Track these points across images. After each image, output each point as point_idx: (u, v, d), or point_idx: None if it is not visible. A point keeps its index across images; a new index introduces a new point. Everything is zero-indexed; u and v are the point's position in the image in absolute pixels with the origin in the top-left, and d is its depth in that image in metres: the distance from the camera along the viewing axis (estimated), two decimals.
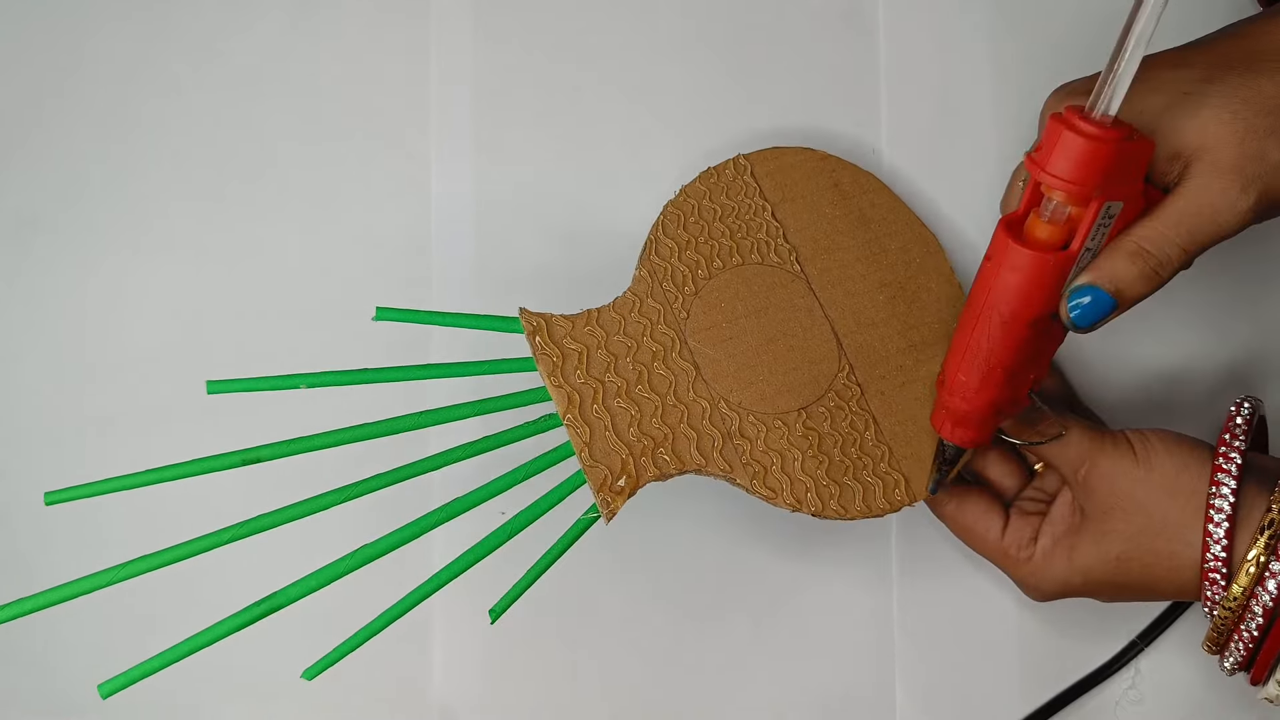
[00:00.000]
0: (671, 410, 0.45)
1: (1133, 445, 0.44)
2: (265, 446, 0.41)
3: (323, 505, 0.40)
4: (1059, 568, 0.45)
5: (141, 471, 0.40)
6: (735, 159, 0.49)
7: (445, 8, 0.53)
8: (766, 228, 0.48)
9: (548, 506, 0.43)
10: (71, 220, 0.51)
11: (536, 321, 0.44)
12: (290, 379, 0.42)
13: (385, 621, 0.40)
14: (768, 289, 0.47)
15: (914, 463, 0.46)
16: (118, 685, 0.38)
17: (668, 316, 0.46)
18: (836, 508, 0.45)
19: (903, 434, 0.46)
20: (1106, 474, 0.44)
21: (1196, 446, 0.44)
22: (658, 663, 0.50)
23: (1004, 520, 0.46)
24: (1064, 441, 0.45)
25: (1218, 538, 0.42)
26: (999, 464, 0.48)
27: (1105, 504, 0.44)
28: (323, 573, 0.39)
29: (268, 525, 0.40)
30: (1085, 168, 0.37)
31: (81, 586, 0.38)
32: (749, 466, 0.44)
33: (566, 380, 0.44)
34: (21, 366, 0.51)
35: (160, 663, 0.37)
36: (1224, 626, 0.43)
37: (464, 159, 0.52)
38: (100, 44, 0.52)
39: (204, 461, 0.40)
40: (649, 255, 0.47)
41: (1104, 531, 0.44)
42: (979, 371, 0.41)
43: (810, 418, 0.46)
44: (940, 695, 0.51)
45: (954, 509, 0.47)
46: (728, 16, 0.52)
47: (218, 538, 0.39)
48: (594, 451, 0.43)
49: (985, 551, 0.46)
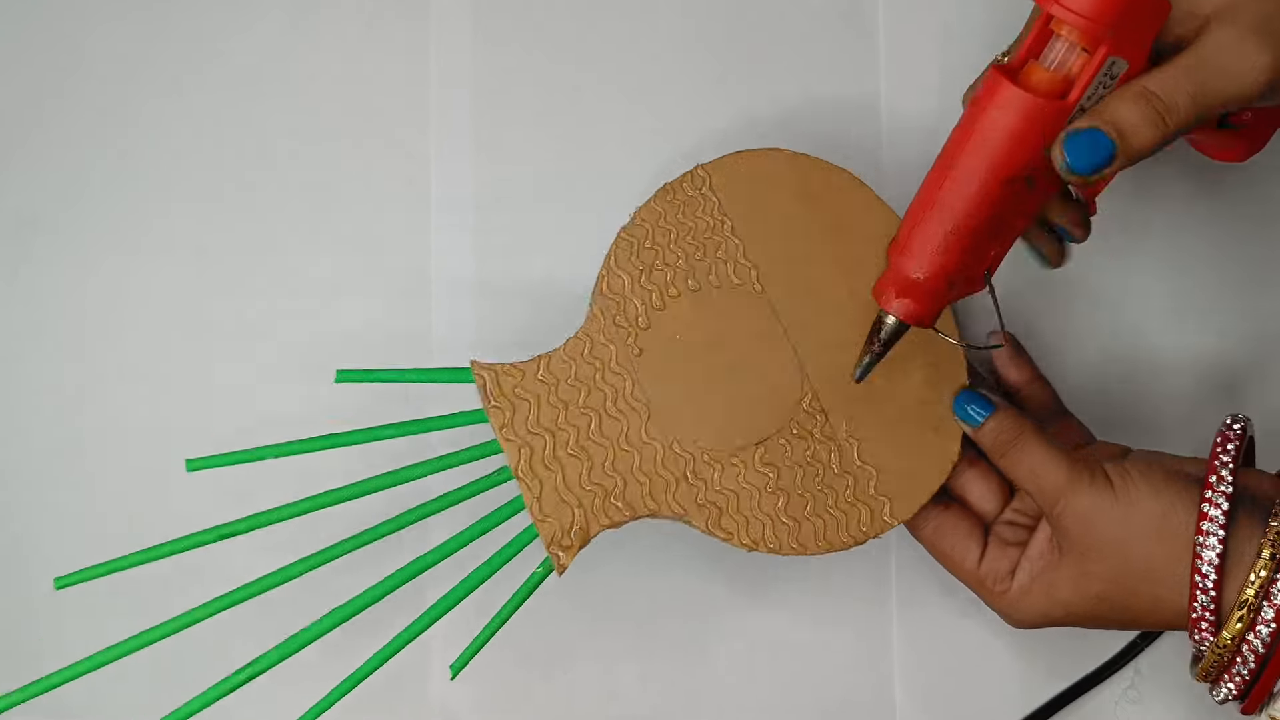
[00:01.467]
0: (623, 456, 0.45)
1: (1112, 481, 0.41)
2: (240, 521, 0.44)
3: (271, 584, 0.43)
4: (1038, 603, 0.43)
5: (134, 553, 0.44)
6: (693, 171, 0.46)
7: (445, 8, 0.52)
8: (725, 245, 0.46)
9: (505, 560, 0.44)
10: (71, 220, 0.52)
11: (488, 374, 0.45)
12: (260, 451, 0.45)
13: (331, 701, 0.43)
14: (725, 315, 0.45)
15: (885, 488, 0.45)
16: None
17: (620, 356, 0.45)
18: (794, 545, 0.44)
19: (872, 460, 0.45)
20: (1083, 514, 0.41)
21: (1181, 485, 0.41)
22: (657, 664, 0.51)
23: (981, 548, 0.45)
24: (1039, 472, 0.42)
25: (1205, 587, 0.40)
26: (979, 484, 0.46)
27: (1082, 544, 0.42)
28: (281, 648, 0.43)
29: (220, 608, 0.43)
30: (1102, 2, 0.36)
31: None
32: (703, 509, 0.44)
33: (517, 433, 0.45)
34: (21, 366, 0.52)
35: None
36: (1213, 668, 0.41)
37: (464, 159, 0.52)
38: (100, 44, 0.52)
39: (182, 541, 0.44)
40: (600, 291, 0.46)
41: (1082, 572, 0.42)
42: (940, 232, 0.39)
43: (768, 452, 0.45)
44: (940, 695, 0.51)
45: (930, 533, 0.45)
46: (727, 17, 0.52)
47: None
48: (544, 506, 0.44)
49: (961, 579, 0.45)
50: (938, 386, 0.45)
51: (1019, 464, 0.43)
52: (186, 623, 0.43)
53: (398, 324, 0.51)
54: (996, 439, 0.43)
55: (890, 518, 0.44)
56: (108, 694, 0.50)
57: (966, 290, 0.40)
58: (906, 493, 0.45)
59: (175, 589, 0.45)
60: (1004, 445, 0.43)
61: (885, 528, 0.44)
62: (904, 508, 0.45)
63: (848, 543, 0.44)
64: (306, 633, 0.43)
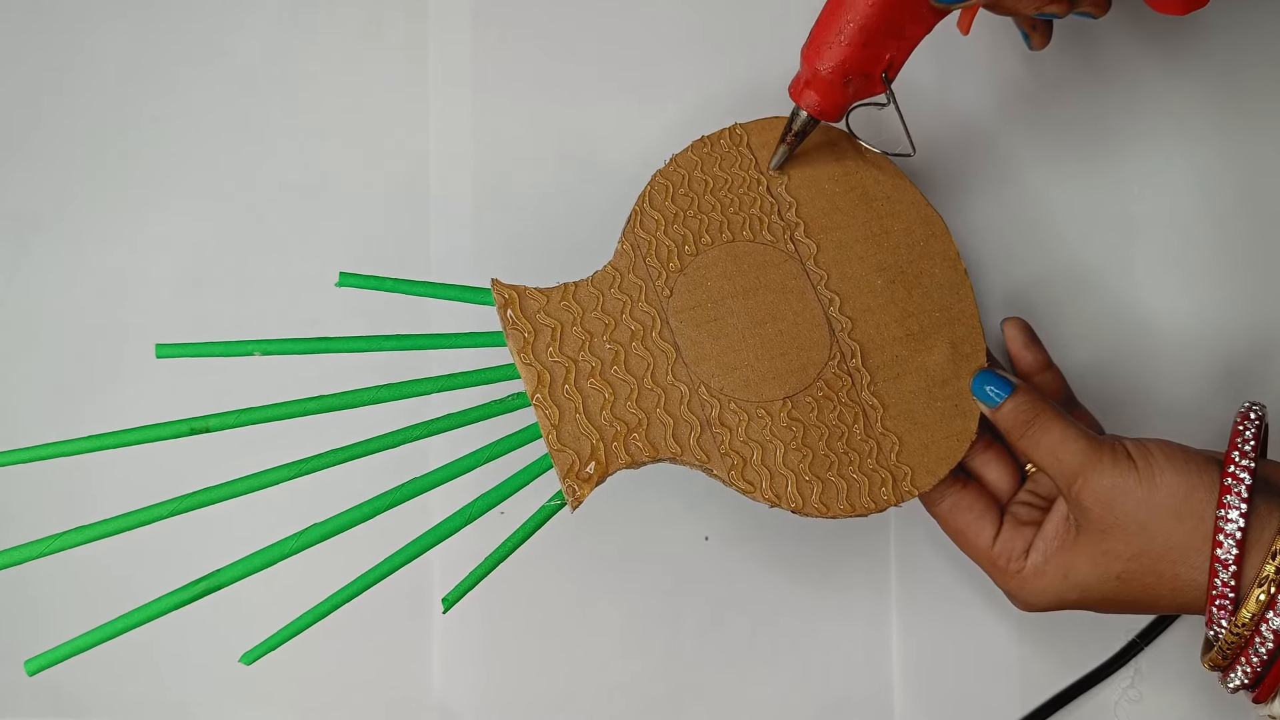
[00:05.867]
0: (648, 394, 0.42)
1: (1134, 460, 0.42)
2: (214, 416, 0.39)
3: (272, 480, 0.38)
4: (1052, 584, 0.42)
5: (87, 437, 0.38)
6: (731, 128, 0.46)
7: (444, 6, 0.53)
8: (760, 202, 0.45)
9: (512, 490, 0.40)
10: (71, 220, 0.51)
11: (509, 294, 0.42)
12: (243, 345, 0.40)
13: (330, 607, 0.38)
14: (758, 268, 0.44)
15: (906, 458, 0.44)
16: (46, 662, 0.36)
17: (649, 294, 0.43)
18: (818, 504, 0.42)
19: (894, 428, 0.44)
20: (1104, 491, 0.41)
21: (1203, 464, 0.41)
22: (657, 663, 0.49)
23: (996, 527, 0.44)
24: (1058, 451, 0.42)
25: (1226, 563, 0.40)
26: (996, 465, 0.46)
27: (1103, 522, 0.41)
28: (265, 553, 0.37)
29: (217, 498, 0.38)
30: None
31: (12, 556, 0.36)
32: (727, 457, 0.42)
33: (537, 358, 0.42)
34: (21, 366, 0.51)
35: (91, 640, 0.36)
36: (1229, 650, 0.40)
37: (464, 158, 0.52)
38: (100, 44, 0.52)
39: (152, 429, 0.38)
40: (633, 228, 0.44)
41: (1103, 551, 0.41)
42: (838, 26, 0.41)
43: (796, 407, 0.43)
44: (939, 695, 0.50)
45: (947, 509, 0.44)
46: (727, 16, 0.52)
47: (158, 510, 0.37)
48: (562, 435, 0.41)
49: (975, 557, 0.44)
50: (957, 365, 0.45)
51: (1038, 444, 0.43)
52: (190, 505, 0.37)
53: (397, 322, 0.50)
54: (1015, 419, 0.43)
55: (912, 487, 0.43)
56: (109, 693, 0.47)
57: (866, 90, 0.43)
58: (927, 465, 0.44)
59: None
60: (1023, 426, 0.43)
61: (906, 496, 0.43)
62: (925, 479, 0.44)
63: (870, 508, 0.43)
64: (306, 533, 0.38)
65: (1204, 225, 0.51)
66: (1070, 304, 0.51)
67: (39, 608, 0.50)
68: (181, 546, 0.46)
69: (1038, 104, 0.51)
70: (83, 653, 0.35)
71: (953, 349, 0.45)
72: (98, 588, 0.49)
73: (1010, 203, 0.51)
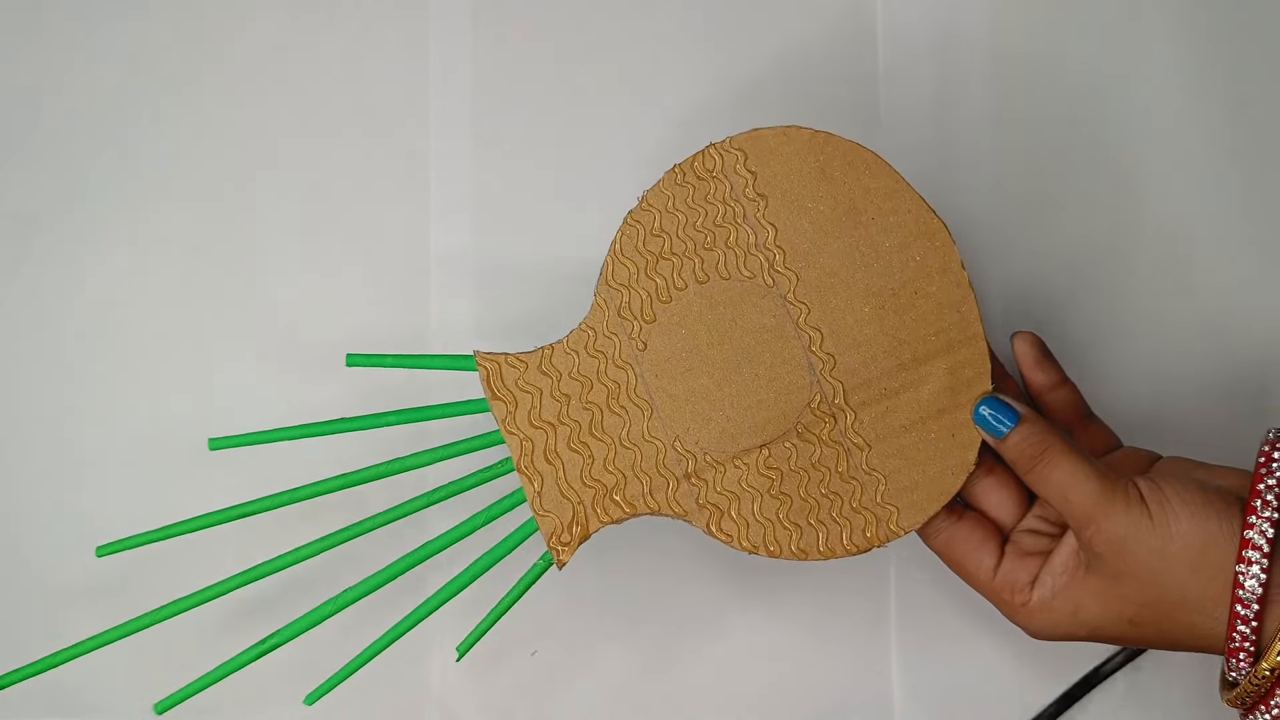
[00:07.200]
0: (624, 453, 0.44)
1: (1148, 505, 0.39)
2: (214, 513, 0.45)
3: (267, 571, 0.44)
4: (1062, 621, 0.41)
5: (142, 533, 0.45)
6: (706, 150, 0.44)
7: (444, 6, 0.52)
8: (736, 233, 0.43)
9: (504, 553, 0.44)
10: (71, 220, 0.52)
11: (491, 365, 0.44)
12: (278, 433, 0.45)
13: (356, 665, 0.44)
14: (734, 308, 0.43)
15: (892, 497, 0.43)
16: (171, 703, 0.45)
17: (623, 350, 0.44)
18: (795, 550, 0.43)
19: (880, 467, 0.43)
20: (1117, 540, 0.39)
21: (1222, 509, 0.39)
22: (656, 663, 0.51)
23: (997, 557, 0.43)
24: (1068, 491, 0.40)
25: (1246, 619, 0.38)
26: (996, 493, 0.44)
27: (1115, 568, 0.40)
28: (279, 634, 0.44)
29: (212, 596, 0.44)
30: None
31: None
32: (704, 510, 0.43)
33: (519, 427, 0.44)
34: (20, 366, 0.52)
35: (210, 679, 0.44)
36: (1249, 698, 0.39)
37: (464, 157, 0.52)
38: (100, 43, 0.52)
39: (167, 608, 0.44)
40: (605, 281, 0.44)
41: (1115, 595, 0.40)
42: None
43: (772, 455, 0.43)
44: (939, 696, 0.50)
45: (944, 541, 0.44)
46: (728, 16, 0.52)
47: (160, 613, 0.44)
48: (545, 501, 0.44)
49: (977, 588, 0.43)
50: (955, 393, 0.43)
51: (1046, 480, 0.41)
52: (176, 610, 0.44)
53: (397, 322, 0.51)
54: (1022, 452, 0.41)
55: (897, 527, 0.43)
56: (107, 693, 0.51)
57: None
58: (916, 502, 0.43)
59: (164, 580, 0.48)
60: (1030, 460, 0.41)
61: (891, 537, 0.43)
62: (912, 518, 0.43)
63: (850, 550, 0.43)
64: (306, 619, 0.44)
65: (1210, 228, 0.50)
66: (1073, 308, 0.49)
67: (39, 608, 0.51)
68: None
69: (1034, 104, 0.51)
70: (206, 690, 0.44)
71: (950, 375, 0.43)
72: (98, 587, 0.51)
73: (1012, 203, 0.50)
